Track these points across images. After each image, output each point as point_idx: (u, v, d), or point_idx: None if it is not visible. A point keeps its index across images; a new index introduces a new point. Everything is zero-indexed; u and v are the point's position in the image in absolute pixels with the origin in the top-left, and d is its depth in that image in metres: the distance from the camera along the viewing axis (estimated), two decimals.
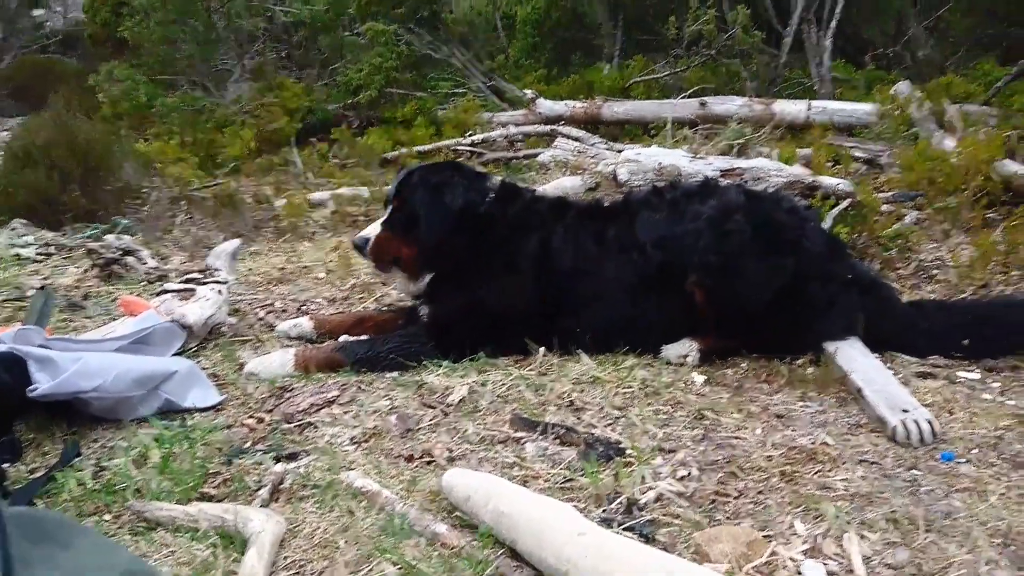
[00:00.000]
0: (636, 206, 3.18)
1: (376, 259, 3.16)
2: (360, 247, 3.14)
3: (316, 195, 6.06)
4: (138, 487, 2.14)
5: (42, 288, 3.35)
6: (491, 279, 3.09)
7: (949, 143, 5.18)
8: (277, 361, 2.97)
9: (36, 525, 0.87)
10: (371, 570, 1.76)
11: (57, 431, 2.50)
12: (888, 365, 2.85)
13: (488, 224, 3.12)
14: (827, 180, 4.39)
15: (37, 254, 4.70)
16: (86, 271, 4.29)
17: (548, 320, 3.03)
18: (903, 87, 6.42)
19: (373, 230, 3.15)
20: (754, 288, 2.87)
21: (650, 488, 2.07)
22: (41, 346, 2.56)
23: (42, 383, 2.37)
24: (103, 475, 2.24)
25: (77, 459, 2.30)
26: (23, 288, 4.05)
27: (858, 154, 5.82)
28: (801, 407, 2.59)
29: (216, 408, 2.69)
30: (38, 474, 2.24)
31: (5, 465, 2.25)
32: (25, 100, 12.29)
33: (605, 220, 3.16)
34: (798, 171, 4.43)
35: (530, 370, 2.86)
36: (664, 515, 1.96)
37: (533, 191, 3.50)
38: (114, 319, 3.36)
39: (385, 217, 3.20)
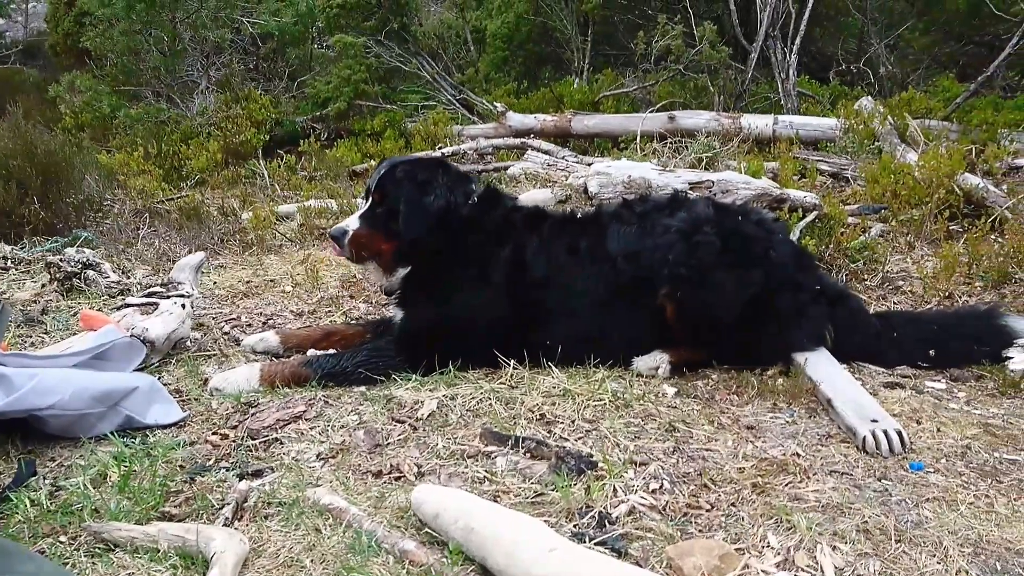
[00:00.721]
0: (607, 219, 3.18)
1: (353, 252, 3.09)
2: (337, 238, 3.07)
3: (283, 208, 5.99)
4: (96, 507, 2.07)
5: None
6: (464, 288, 3.06)
7: (912, 157, 5.28)
8: (243, 376, 2.90)
9: None
10: None
11: (11, 450, 2.41)
12: (856, 376, 2.88)
13: (468, 228, 3.09)
14: (794, 193, 4.45)
15: None
16: (44, 285, 4.17)
17: (519, 333, 3.00)
18: (866, 103, 6.55)
19: (351, 223, 3.09)
20: (723, 300, 2.88)
21: (622, 501, 2.05)
22: None
23: None
24: (59, 495, 2.16)
25: (32, 479, 2.22)
26: None
27: (824, 167, 5.92)
28: (771, 418, 2.59)
29: (179, 424, 2.62)
30: None
31: None
32: None
33: (578, 232, 3.15)
34: (766, 184, 4.48)
35: (500, 383, 2.83)
36: (636, 528, 1.93)
37: (514, 199, 3.47)
38: (73, 334, 3.27)
39: (364, 210, 3.14)
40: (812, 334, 2.98)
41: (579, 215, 3.35)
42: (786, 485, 2.14)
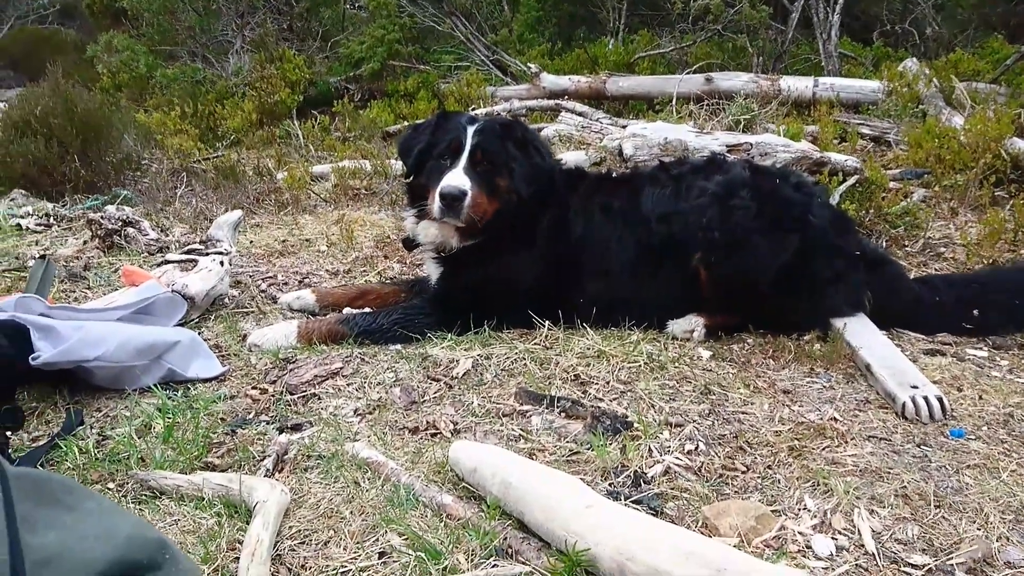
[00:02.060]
0: (643, 180, 3.14)
1: (469, 213, 2.89)
2: (458, 197, 2.84)
3: (318, 168, 6.01)
4: (142, 456, 2.12)
5: (42, 257, 3.31)
6: (512, 250, 3.03)
7: (957, 121, 5.13)
8: (280, 333, 2.94)
9: (42, 486, 0.85)
10: (377, 540, 1.75)
11: (59, 400, 2.48)
12: (896, 342, 2.83)
13: (551, 190, 3.07)
14: (835, 156, 4.35)
15: (37, 224, 4.67)
16: (86, 242, 4.25)
17: (555, 293, 3.00)
18: (911, 64, 6.37)
19: (462, 181, 2.87)
20: (758, 266, 2.84)
21: (657, 462, 2.06)
22: (43, 315, 2.53)
23: (44, 351, 2.35)
24: (106, 444, 2.22)
25: (80, 428, 2.28)
26: (23, 258, 4.02)
27: (865, 131, 5.78)
28: (808, 383, 2.57)
29: (219, 379, 2.66)
30: (41, 442, 2.22)
31: (7, 433, 2.23)
32: (23, 71, 12.19)
33: (613, 192, 3.12)
34: (805, 147, 4.39)
35: (535, 344, 2.83)
36: (672, 488, 1.94)
37: (559, 159, 3.45)
38: (115, 289, 3.33)
39: (466, 169, 2.92)
40: (850, 300, 2.94)
41: (615, 175, 3.31)
42: (823, 449, 2.12)
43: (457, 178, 2.88)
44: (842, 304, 2.93)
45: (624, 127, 5.77)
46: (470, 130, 3.00)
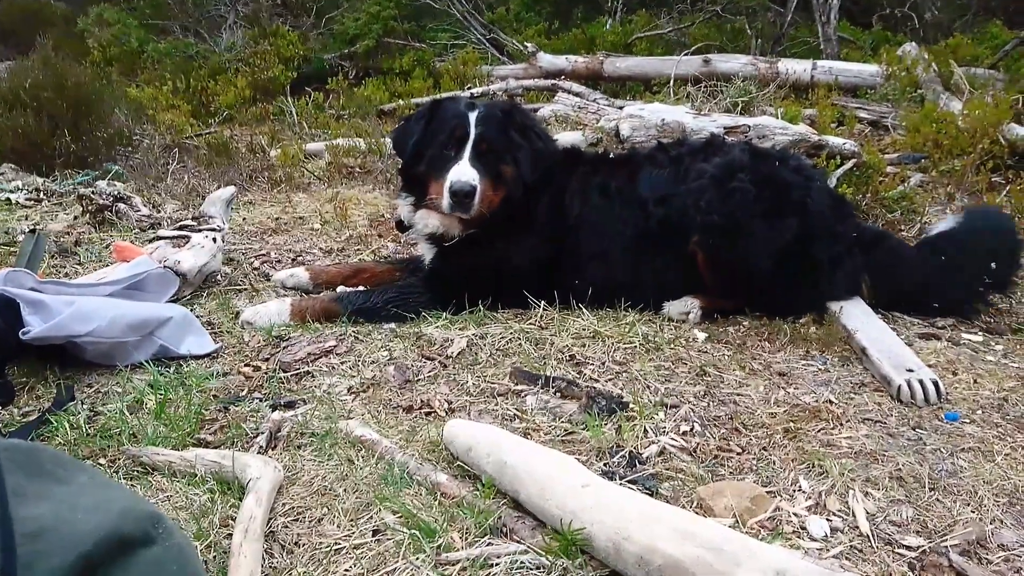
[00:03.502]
0: (640, 161, 3.12)
1: (478, 207, 2.85)
2: (469, 193, 2.80)
3: (311, 145, 5.96)
4: (133, 432, 2.10)
5: (33, 231, 3.27)
6: (513, 233, 2.99)
7: (956, 105, 5.12)
8: (274, 310, 2.92)
9: (32, 458, 0.83)
10: (371, 518, 1.74)
11: (50, 375, 2.46)
12: (891, 326, 2.83)
13: (549, 172, 3.03)
14: (833, 140, 4.34)
15: (27, 199, 4.61)
16: (77, 217, 4.21)
17: (551, 274, 2.98)
18: (910, 49, 6.34)
19: (471, 175, 2.81)
20: (756, 250, 2.83)
21: (652, 442, 2.05)
22: (33, 289, 2.50)
23: (35, 326, 2.32)
24: (98, 419, 2.20)
25: (71, 403, 2.26)
26: (13, 233, 3.98)
27: (863, 115, 5.76)
28: (804, 366, 2.57)
29: (212, 356, 2.64)
30: (31, 418, 2.20)
31: None
32: (12, 44, 12.01)
33: (611, 174, 3.09)
34: (803, 130, 4.37)
35: (530, 324, 2.82)
36: (667, 469, 1.94)
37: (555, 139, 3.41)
38: (106, 265, 3.30)
39: (471, 159, 2.86)
40: (847, 283, 2.93)
41: (613, 156, 3.28)
42: (818, 431, 2.12)
43: (466, 172, 2.81)
44: (839, 288, 2.93)
45: (621, 108, 5.73)
46: (472, 117, 2.91)
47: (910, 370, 2.36)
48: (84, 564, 0.72)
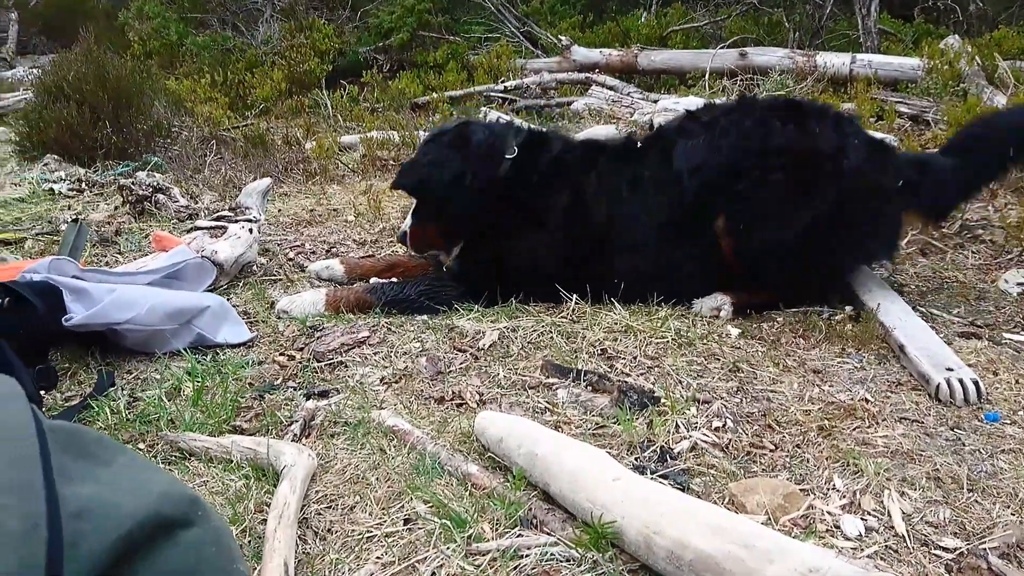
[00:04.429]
0: (671, 136, 3.05)
1: (415, 248, 3.27)
2: (401, 240, 3.26)
3: (346, 138, 6.01)
4: (171, 418, 2.15)
5: (75, 220, 3.35)
6: (518, 237, 3.01)
7: (1000, 100, 5.00)
8: (308, 300, 2.95)
9: (76, 440, 0.85)
10: (402, 507, 1.76)
11: (91, 361, 2.52)
12: (930, 324, 2.78)
13: (511, 185, 2.99)
14: (872, 134, 4.25)
15: (69, 189, 4.72)
16: (117, 207, 4.29)
17: (580, 273, 2.96)
18: (953, 42, 6.21)
19: (407, 223, 3.21)
20: (786, 226, 2.76)
21: (684, 438, 2.04)
22: (75, 277, 2.56)
23: (77, 313, 2.38)
24: (137, 405, 2.25)
25: (111, 389, 2.31)
26: (56, 222, 4.07)
27: (903, 109, 5.64)
28: (839, 363, 2.53)
29: (247, 345, 2.69)
30: (73, 402, 2.26)
31: (41, 392, 2.27)
32: (55, 38, 12.28)
33: (638, 160, 3.05)
34: None
35: (562, 317, 2.82)
36: (698, 464, 1.93)
37: (564, 139, 3.33)
38: (146, 254, 3.36)
39: (413, 207, 3.24)
40: (887, 240, 2.92)
41: (639, 142, 3.22)
42: (853, 429, 2.09)
43: (405, 222, 3.25)
44: (879, 248, 2.92)
45: (655, 102, 5.70)
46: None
47: (950, 369, 2.31)
48: (126, 544, 0.73)
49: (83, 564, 0.69)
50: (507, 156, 3.02)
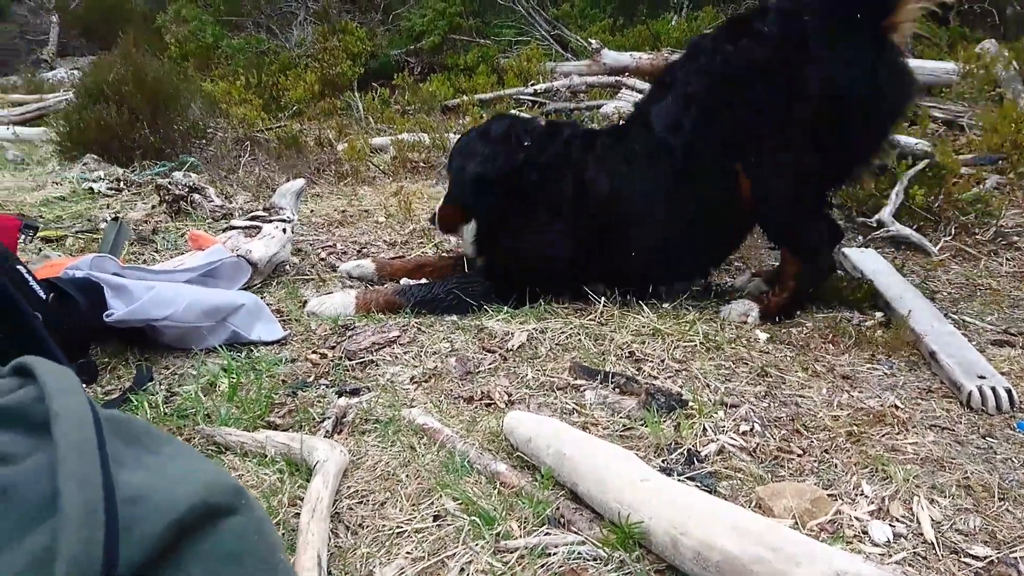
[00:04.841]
0: (646, 106, 3.13)
1: (443, 228, 3.42)
2: (432, 220, 3.44)
3: (377, 140, 6.07)
4: (207, 413, 2.20)
5: (115, 219, 3.43)
6: (534, 227, 3.09)
7: None
8: (339, 302, 3.00)
9: (128, 428, 0.88)
10: (432, 504, 1.79)
11: (130, 356, 2.58)
12: (963, 332, 2.76)
13: (524, 173, 3.07)
14: (904, 139, 4.22)
15: (108, 189, 4.82)
16: (154, 207, 4.38)
17: (597, 257, 3.04)
18: (989, 46, 6.11)
19: (438, 204, 3.41)
20: (786, 132, 2.69)
21: (711, 441, 2.05)
22: (116, 274, 2.63)
23: (117, 309, 2.44)
24: (174, 400, 2.31)
25: (149, 384, 2.37)
26: (95, 220, 4.17)
27: (937, 114, 5.57)
28: (869, 369, 2.52)
29: (280, 343, 2.74)
30: (113, 396, 2.32)
31: (83, 386, 2.33)
32: (95, 40, 12.53)
33: (625, 135, 3.13)
34: None
35: (590, 319, 2.84)
36: (725, 468, 1.93)
37: (573, 126, 3.45)
38: (182, 253, 3.43)
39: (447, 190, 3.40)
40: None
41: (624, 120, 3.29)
42: (883, 436, 2.09)
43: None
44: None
45: None
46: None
47: (982, 376, 2.30)
48: (176, 529, 0.76)
49: (136, 548, 0.72)
50: (525, 144, 3.11)
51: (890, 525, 1.72)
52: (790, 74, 2.70)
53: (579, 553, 1.59)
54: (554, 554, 1.60)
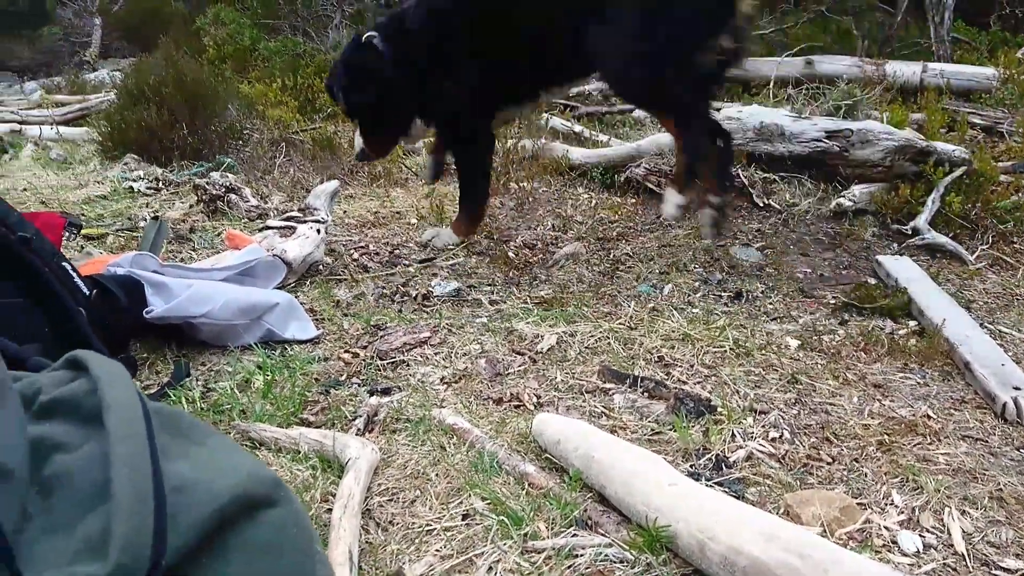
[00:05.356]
0: None
1: (376, 153, 3.82)
2: (362, 157, 3.81)
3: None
4: (243, 409, 2.25)
5: (155, 217, 3.51)
6: (444, 87, 3.46)
7: None
8: (447, 233, 3.78)
9: (174, 421, 0.92)
10: (461, 503, 1.81)
11: (168, 353, 2.65)
12: (998, 342, 2.72)
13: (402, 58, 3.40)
14: (941, 146, 4.17)
15: (147, 188, 4.93)
16: (192, 206, 4.47)
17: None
18: None
19: (358, 142, 3.71)
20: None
21: (740, 447, 2.05)
22: (155, 271, 2.69)
23: (157, 306, 2.50)
24: (210, 395, 2.36)
25: (187, 379, 2.43)
26: (135, 219, 4.26)
27: (976, 120, 5.50)
28: (901, 378, 2.50)
29: (313, 341, 2.78)
30: (152, 391, 2.38)
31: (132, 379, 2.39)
32: (136, 42, 12.79)
33: None
34: (910, 135, 4.22)
35: (619, 323, 2.85)
36: (754, 474, 1.94)
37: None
38: (218, 252, 3.50)
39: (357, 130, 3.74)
40: None
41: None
42: (914, 445, 2.07)
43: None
44: None
45: (718, 110, 5.65)
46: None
47: (1017, 388, 2.27)
48: (220, 518, 0.79)
49: (182, 535, 0.75)
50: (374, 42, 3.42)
51: (920, 535, 1.71)
52: None
53: (606, 555, 1.61)
54: (581, 556, 1.62)
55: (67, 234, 3.18)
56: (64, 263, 2.30)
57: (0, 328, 1.91)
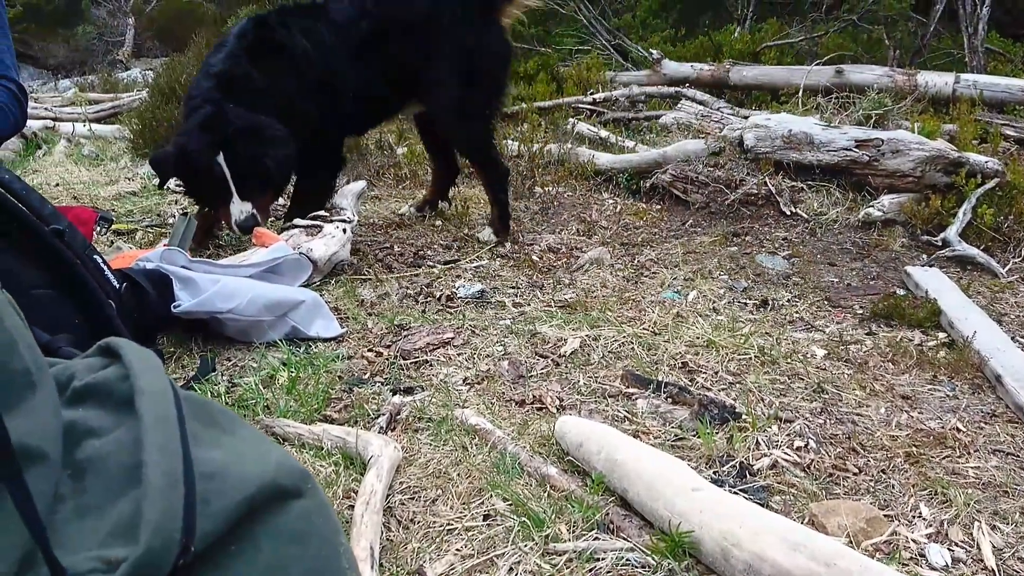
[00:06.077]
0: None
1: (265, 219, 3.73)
2: (248, 229, 3.50)
3: None
4: (267, 404, 2.26)
5: (184, 214, 3.55)
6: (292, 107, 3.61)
7: None
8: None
9: (205, 409, 0.92)
10: (482, 503, 1.81)
11: (194, 347, 2.67)
12: None
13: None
14: (973, 157, 4.12)
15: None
16: None
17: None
18: None
19: (243, 210, 3.52)
20: None
21: (764, 455, 2.03)
22: (184, 267, 2.72)
23: (184, 301, 2.53)
24: (235, 390, 2.38)
25: (212, 374, 2.45)
26: (164, 215, 4.32)
27: (1009, 132, 5.42)
28: (930, 390, 2.47)
29: (338, 339, 2.79)
30: (178, 385, 2.39)
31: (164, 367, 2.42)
32: (168, 42, 12.96)
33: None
34: (941, 146, 4.17)
35: (643, 329, 2.83)
36: (778, 483, 1.91)
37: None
38: (243, 249, 3.53)
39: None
40: None
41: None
42: (943, 458, 2.04)
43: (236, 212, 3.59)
44: None
45: (746, 118, 5.63)
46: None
47: None
48: (248, 506, 0.79)
49: (210, 521, 0.76)
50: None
51: (948, 549, 1.68)
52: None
53: (628, 560, 1.60)
54: (602, 559, 1.61)
55: (98, 228, 3.23)
56: (95, 256, 2.32)
57: (32, 318, 1.93)
